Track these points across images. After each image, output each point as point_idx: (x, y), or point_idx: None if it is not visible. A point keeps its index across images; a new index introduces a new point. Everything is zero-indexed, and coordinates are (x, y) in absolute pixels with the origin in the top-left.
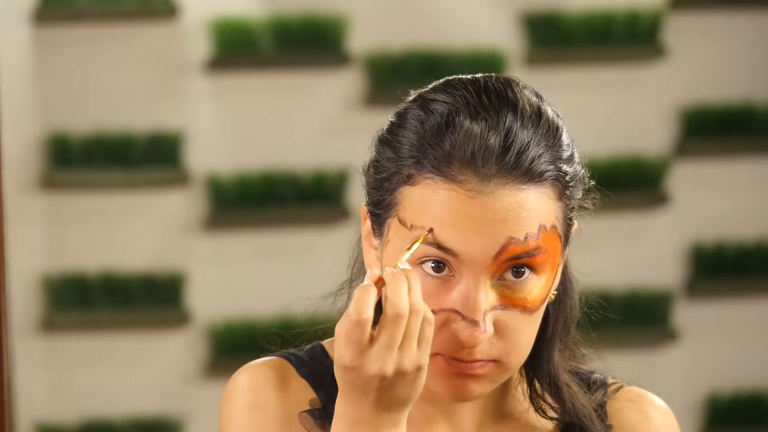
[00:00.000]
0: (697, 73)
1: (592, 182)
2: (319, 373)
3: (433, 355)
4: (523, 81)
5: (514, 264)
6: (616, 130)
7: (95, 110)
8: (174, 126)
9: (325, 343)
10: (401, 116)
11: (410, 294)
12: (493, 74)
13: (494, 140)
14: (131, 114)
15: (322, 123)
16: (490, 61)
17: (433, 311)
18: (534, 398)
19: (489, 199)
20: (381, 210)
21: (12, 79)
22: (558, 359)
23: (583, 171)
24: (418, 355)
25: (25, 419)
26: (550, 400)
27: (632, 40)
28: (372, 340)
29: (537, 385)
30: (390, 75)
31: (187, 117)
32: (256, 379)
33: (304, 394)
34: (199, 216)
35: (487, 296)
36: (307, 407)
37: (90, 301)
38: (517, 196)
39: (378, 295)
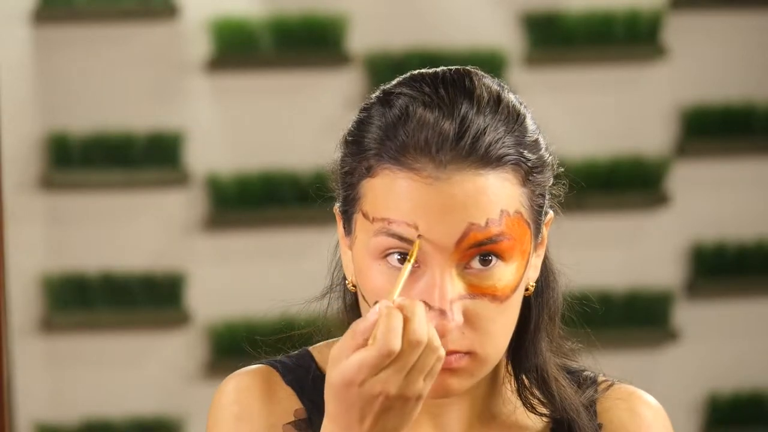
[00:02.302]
0: (697, 73)
1: (562, 169)
2: (304, 380)
3: None
4: (483, 72)
5: (479, 251)
6: (616, 130)
7: (95, 110)
8: (174, 126)
9: (312, 348)
10: (363, 111)
11: (430, 328)
12: (453, 67)
13: (448, 126)
14: (131, 114)
15: (322, 123)
16: (490, 61)
17: None
18: (522, 392)
19: (446, 185)
20: (348, 206)
21: (12, 79)
22: (546, 352)
23: (551, 157)
24: (422, 386)
25: (25, 419)
26: (538, 394)
27: (632, 40)
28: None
29: (525, 381)
30: (390, 75)
31: (187, 117)
32: (241, 389)
33: (289, 403)
34: (199, 216)
35: (454, 285)
36: (292, 418)
37: (90, 301)
38: (476, 182)
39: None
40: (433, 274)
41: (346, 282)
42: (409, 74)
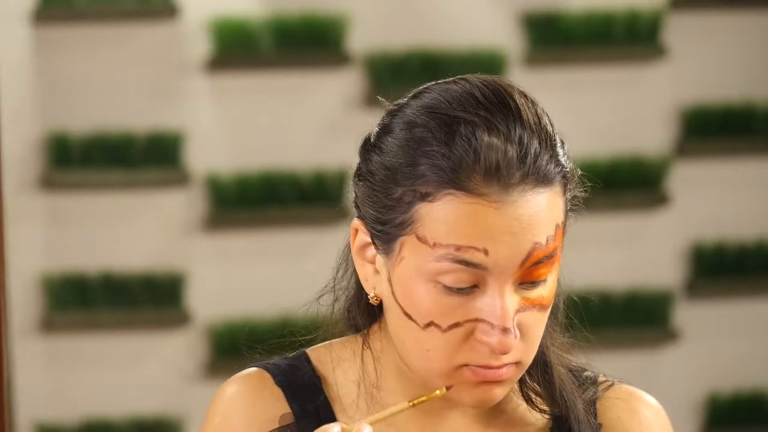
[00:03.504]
0: (697, 73)
1: (579, 171)
2: (296, 383)
3: (458, 367)
4: (513, 81)
5: (537, 268)
6: (616, 130)
7: (95, 110)
8: (174, 126)
9: (310, 350)
10: (406, 131)
11: None
12: (486, 80)
13: (511, 150)
14: (131, 114)
15: (322, 123)
16: (490, 61)
17: (457, 323)
18: (523, 388)
19: (512, 207)
20: (391, 228)
21: (12, 79)
22: (546, 341)
23: (572, 164)
24: None
25: (25, 419)
26: (540, 391)
27: (632, 40)
28: None
29: (527, 377)
30: (390, 75)
31: (187, 117)
32: (228, 398)
33: (275, 408)
34: (199, 216)
35: (513, 301)
36: (277, 424)
37: (90, 301)
38: (537, 201)
39: None
40: (493, 294)
41: (369, 296)
42: (444, 88)
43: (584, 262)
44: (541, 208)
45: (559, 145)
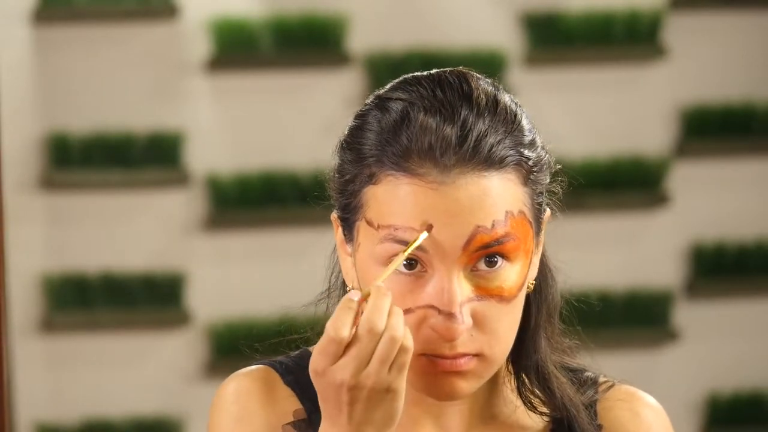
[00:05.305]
0: (697, 73)
1: (559, 166)
2: (304, 381)
3: (417, 356)
4: (477, 73)
5: (485, 253)
6: (616, 130)
7: (95, 110)
8: (174, 126)
9: (313, 348)
10: (360, 118)
11: (390, 318)
12: (448, 69)
13: (450, 131)
14: (131, 114)
15: (322, 123)
16: (490, 61)
17: (409, 309)
18: (522, 391)
19: (451, 189)
20: (348, 214)
21: (12, 79)
22: (545, 349)
23: (547, 156)
24: (388, 378)
25: (25, 419)
26: (539, 393)
27: (632, 40)
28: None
29: (525, 380)
30: (390, 75)
31: (187, 117)
32: (241, 390)
33: (288, 403)
34: (199, 216)
35: (462, 288)
36: (291, 419)
37: (90, 301)
38: (480, 184)
39: (358, 312)
40: (440, 278)
41: (347, 288)
42: (402, 78)
43: (584, 262)
44: (485, 192)
45: (524, 131)
